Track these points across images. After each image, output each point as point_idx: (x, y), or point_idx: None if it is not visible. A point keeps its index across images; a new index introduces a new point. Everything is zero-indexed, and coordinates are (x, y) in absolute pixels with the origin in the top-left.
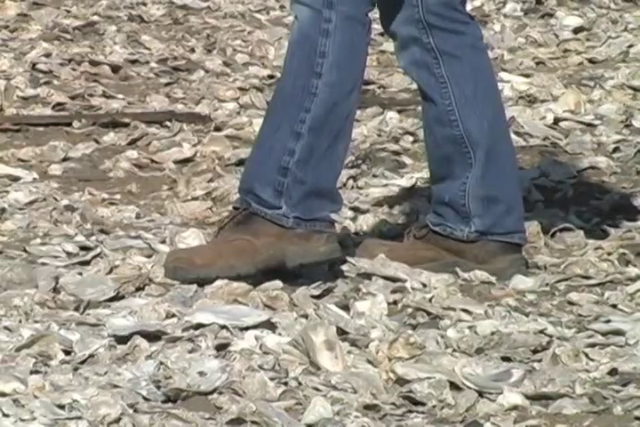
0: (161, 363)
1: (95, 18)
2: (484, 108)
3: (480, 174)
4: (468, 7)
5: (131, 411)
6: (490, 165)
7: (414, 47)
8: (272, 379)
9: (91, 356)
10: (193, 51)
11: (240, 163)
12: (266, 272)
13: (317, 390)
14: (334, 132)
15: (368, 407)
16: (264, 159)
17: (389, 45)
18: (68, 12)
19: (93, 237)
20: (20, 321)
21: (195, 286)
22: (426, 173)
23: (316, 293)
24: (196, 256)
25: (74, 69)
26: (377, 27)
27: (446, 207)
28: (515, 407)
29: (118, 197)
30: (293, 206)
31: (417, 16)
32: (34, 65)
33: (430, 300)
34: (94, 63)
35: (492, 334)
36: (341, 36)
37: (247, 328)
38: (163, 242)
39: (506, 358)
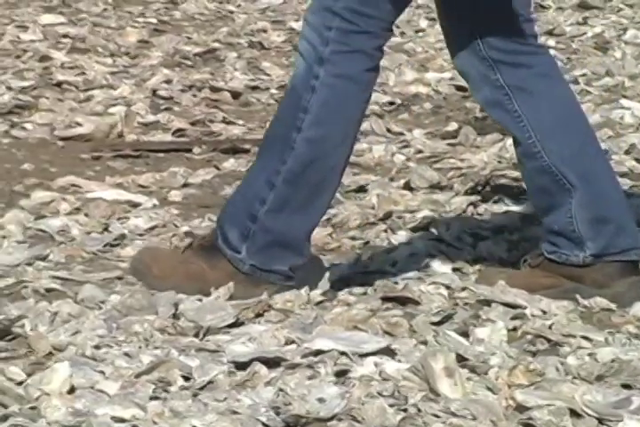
0: (280, 389)
1: (216, 44)
2: (566, 137)
3: (581, 198)
4: (589, 34)
5: None
6: (588, 187)
7: (485, 86)
8: (391, 406)
9: (210, 382)
10: None
11: (360, 189)
12: (384, 298)
13: (437, 416)
14: (312, 185)
15: None
16: (239, 201)
17: None
18: (189, 38)
19: None
20: (140, 347)
21: (314, 313)
22: None
23: (436, 319)
24: (155, 266)
25: (194, 96)
26: None
27: (558, 236)
28: None
29: None
30: (253, 254)
31: (481, 54)
32: (154, 91)
33: (550, 327)
34: (215, 89)
35: (612, 361)
36: (326, 94)
37: (366, 355)
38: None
39: (626, 386)
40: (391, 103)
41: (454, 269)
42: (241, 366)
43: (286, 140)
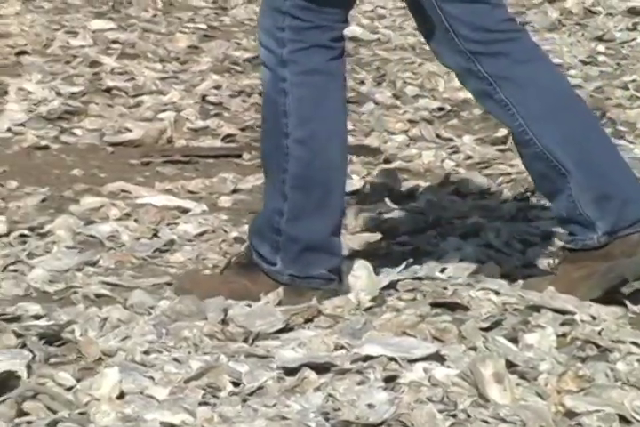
0: (329, 395)
1: None
2: (556, 121)
3: (579, 181)
4: (638, 40)
5: None
6: (583, 168)
7: (470, 78)
8: (441, 411)
9: (259, 387)
10: (363, 83)
11: (410, 195)
12: (433, 304)
13: (486, 422)
14: (319, 184)
15: None
16: (262, 217)
17: None
18: (239, 44)
19: None
20: (190, 353)
21: (363, 319)
22: None
23: (485, 325)
24: (197, 290)
25: (244, 101)
26: None
27: (569, 223)
28: None
29: None
30: (289, 263)
31: (458, 47)
32: (204, 97)
33: (600, 333)
34: None
35: None
36: (299, 92)
37: (416, 360)
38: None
39: None
40: (440, 109)
41: (503, 275)
42: (290, 371)
43: (279, 149)
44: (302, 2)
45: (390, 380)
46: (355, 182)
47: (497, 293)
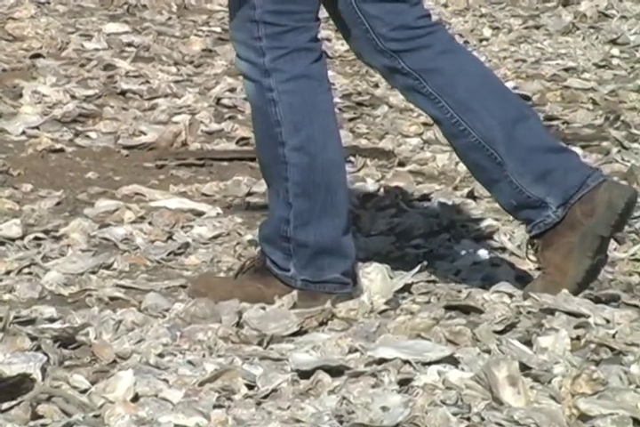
0: (343, 398)
1: None
2: (485, 105)
3: (515, 165)
4: None
5: None
6: (515, 152)
7: (394, 75)
8: (455, 414)
9: (274, 390)
10: (377, 86)
11: (424, 198)
12: (448, 307)
13: (500, 425)
14: (321, 188)
15: None
16: (269, 226)
17: (573, 81)
18: None
19: None
20: (204, 355)
21: (377, 322)
22: None
23: (499, 328)
24: (211, 293)
25: None
26: (562, 62)
27: (521, 210)
28: None
29: None
30: (302, 269)
31: (379, 47)
32: (218, 100)
33: (613, 336)
34: None
35: None
36: (287, 100)
37: (430, 363)
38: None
39: None
40: None
41: (517, 278)
42: (304, 374)
43: (278, 159)
44: (272, 6)
45: (404, 383)
46: (369, 186)
47: (511, 296)
